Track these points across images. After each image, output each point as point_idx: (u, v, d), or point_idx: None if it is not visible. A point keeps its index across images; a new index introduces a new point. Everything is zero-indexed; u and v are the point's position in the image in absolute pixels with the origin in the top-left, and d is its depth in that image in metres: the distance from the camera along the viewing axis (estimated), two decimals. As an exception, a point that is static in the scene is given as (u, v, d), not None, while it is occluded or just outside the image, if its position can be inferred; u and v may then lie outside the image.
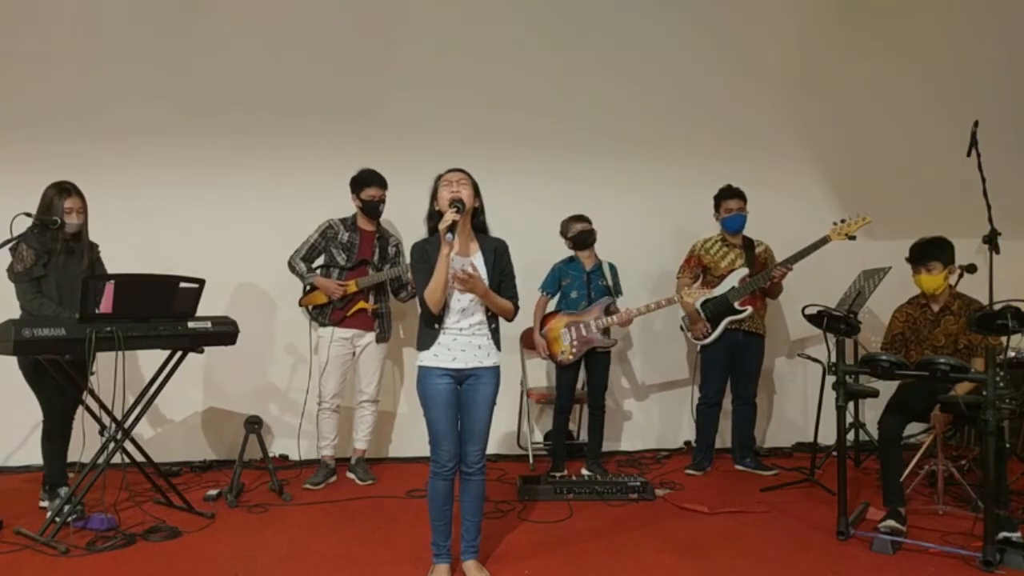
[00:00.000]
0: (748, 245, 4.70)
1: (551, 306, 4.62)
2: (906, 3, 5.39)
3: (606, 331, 4.47)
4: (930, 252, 3.82)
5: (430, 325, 2.91)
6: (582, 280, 4.55)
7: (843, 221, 4.42)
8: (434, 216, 2.94)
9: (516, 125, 5.12)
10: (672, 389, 5.36)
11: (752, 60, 5.34)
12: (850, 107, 5.43)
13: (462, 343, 2.90)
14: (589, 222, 4.56)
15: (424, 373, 2.91)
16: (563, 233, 4.59)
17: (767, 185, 5.17)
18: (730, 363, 4.69)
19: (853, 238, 4.43)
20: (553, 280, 4.61)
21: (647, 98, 5.28)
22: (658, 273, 5.17)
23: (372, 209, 4.36)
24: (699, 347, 4.75)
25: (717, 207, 4.70)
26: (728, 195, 4.65)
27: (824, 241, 4.43)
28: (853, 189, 5.31)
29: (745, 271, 4.59)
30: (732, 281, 4.59)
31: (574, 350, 4.44)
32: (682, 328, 4.84)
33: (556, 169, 5.11)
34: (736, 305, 4.56)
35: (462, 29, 5.10)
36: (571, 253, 4.61)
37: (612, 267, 4.64)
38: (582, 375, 4.65)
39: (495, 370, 2.97)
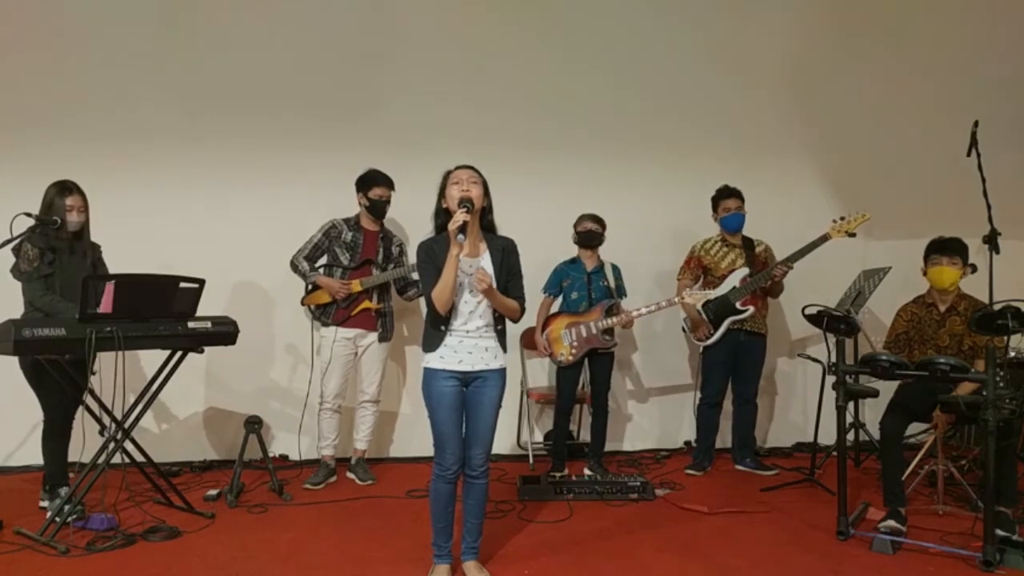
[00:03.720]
0: (748, 244, 4.70)
1: (555, 307, 4.62)
2: (905, 3, 5.40)
3: (608, 332, 4.47)
4: (954, 247, 3.86)
5: (436, 327, 2.87)
6: (583, 281, 4.55)
7: (843, 219, 4.42)
8: (441, 214, 2.88)
9: (517, 125, 5.11)
10: (674, 392, 5.35)
11: (751, 60, 5.34)
12: (849, 107, 5.44)
13: (468, 345, 2.87)
14: (601, 224, 4.56)
15: (430, 375, 2.88)
16: (575, 225, 4.60)
17: (767, 185, 5.19)
18: (731, 363, 4.68)
19: (853, 235, 4.43)
20: (555, 281, 4.61)
21: (647, 98, 5.28)
22: (659, 274, 5.17)
23: (378, 208, 4.36)
24: (701, 348, 4.74)
25: (715, 207, 4.70)
26: (726, 195, 4.65)
27: (824, 239, 4.43)
28: (852, 189, 5.31)
29: (746, 271, 4.59)
30: (733, 281, 4.58)
31: (574, 351, 4.44)
32: (684, 330, 4.83)
33: (556, 169, 5.12)
34: (738, 305, 4.55)
35: (464, 30, 5.10)
36: (575, 253, 4.62)
37: (615, 268, 4.64)
38: (584, 376, 4.65)
39: (501, 372, 2.94)
